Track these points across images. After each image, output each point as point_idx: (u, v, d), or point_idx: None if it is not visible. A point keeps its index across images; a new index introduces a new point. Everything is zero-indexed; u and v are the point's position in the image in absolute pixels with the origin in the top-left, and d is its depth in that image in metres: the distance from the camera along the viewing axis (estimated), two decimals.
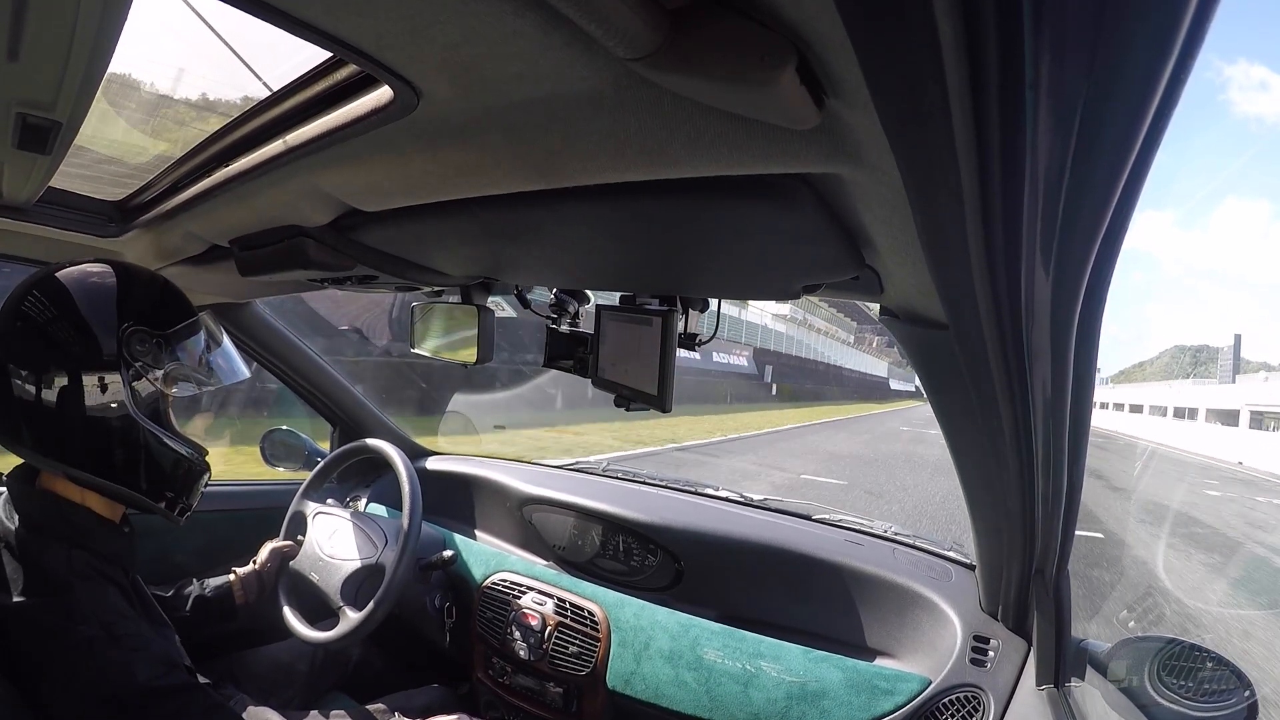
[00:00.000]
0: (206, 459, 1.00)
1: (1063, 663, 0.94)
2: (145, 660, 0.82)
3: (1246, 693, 0.82)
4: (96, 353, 0.85)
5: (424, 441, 1.95)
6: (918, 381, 0.76)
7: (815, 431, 16.66)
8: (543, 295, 1.11)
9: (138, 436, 0.89)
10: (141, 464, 0.91)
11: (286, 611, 1.30)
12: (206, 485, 1.01)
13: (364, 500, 1.72)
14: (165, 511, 0.95)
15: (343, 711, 1.16)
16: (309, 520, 1.40)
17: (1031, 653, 1.02)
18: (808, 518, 1.47)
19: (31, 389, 0.83)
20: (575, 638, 1.34)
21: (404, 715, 1.18)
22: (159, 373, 0.90)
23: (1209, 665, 0.86)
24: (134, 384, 0.88)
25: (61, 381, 0.83)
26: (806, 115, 0.37)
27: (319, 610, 1.29)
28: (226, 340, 1.04)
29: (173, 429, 0.95)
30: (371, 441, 1.47)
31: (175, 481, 0.95)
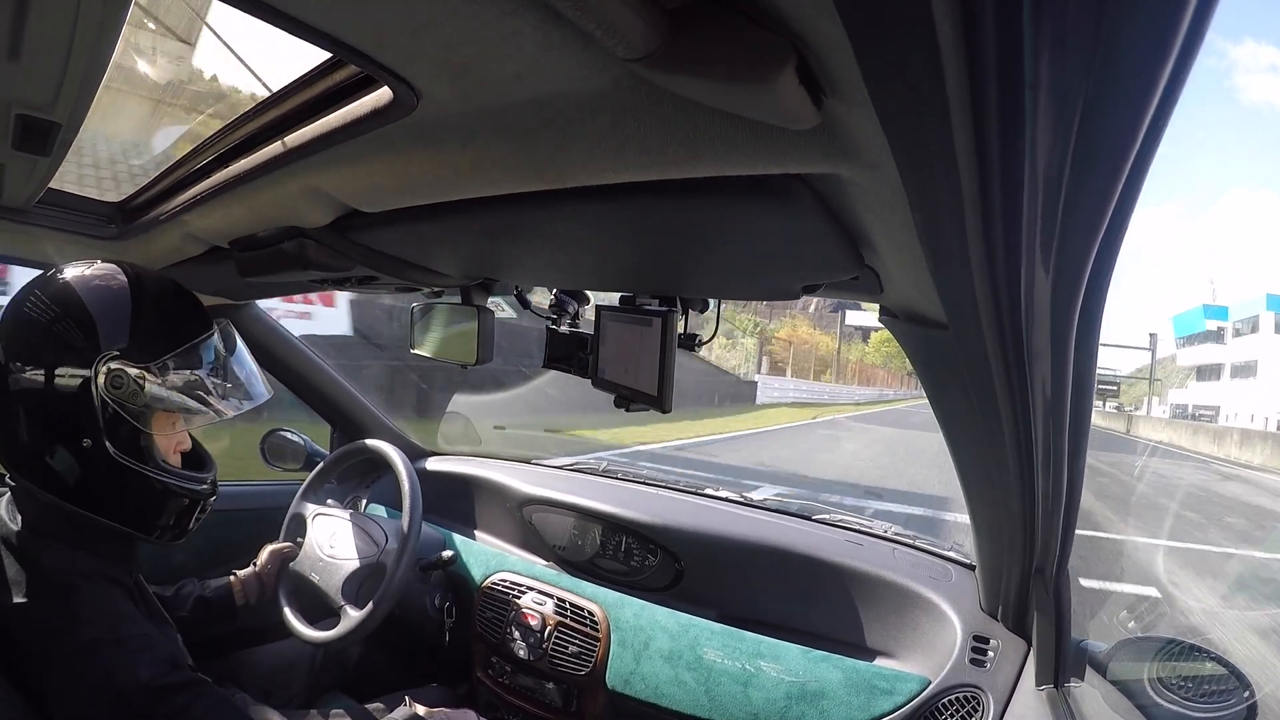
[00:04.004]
0: (209, 483, 0.97)
1: (1062, 663, 0.94)
2: (150, 660, 0.82)
3: (1246, 693, 0.82)
4: (86, 372, 0.83)
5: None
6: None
7: None
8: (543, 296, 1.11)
9: (124, 471, 0.86)
10: (131, 501, 0.89)
11: (287, 613, 1.30)
12: (208, 511, 0.98)
13: (364, 501, 1.71)
14: (155, 541, 0.94)
15: (342, 711, 1.16)
16: (309, 521, 1.40)
17: (1031, 653, 1.02)
18: (808, 518, 1.47)
19: (30, 396, 0.82)
20: (575, 638, 1.34)
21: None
22: (143, 403, 0.86)
23: (1208, 665, 0.86)
24: (113, 413, 0.84)
25: (47, 408, 0.82)
26: (806, 115, 0.37)
27: (320, 610, 1.29)
28: (245, 354, 0.98)
29: (163, 460, 0.92)
30: (371, 442, 1.47)
31: (165, 515, 0.93)
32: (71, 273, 0.87)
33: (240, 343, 0.99)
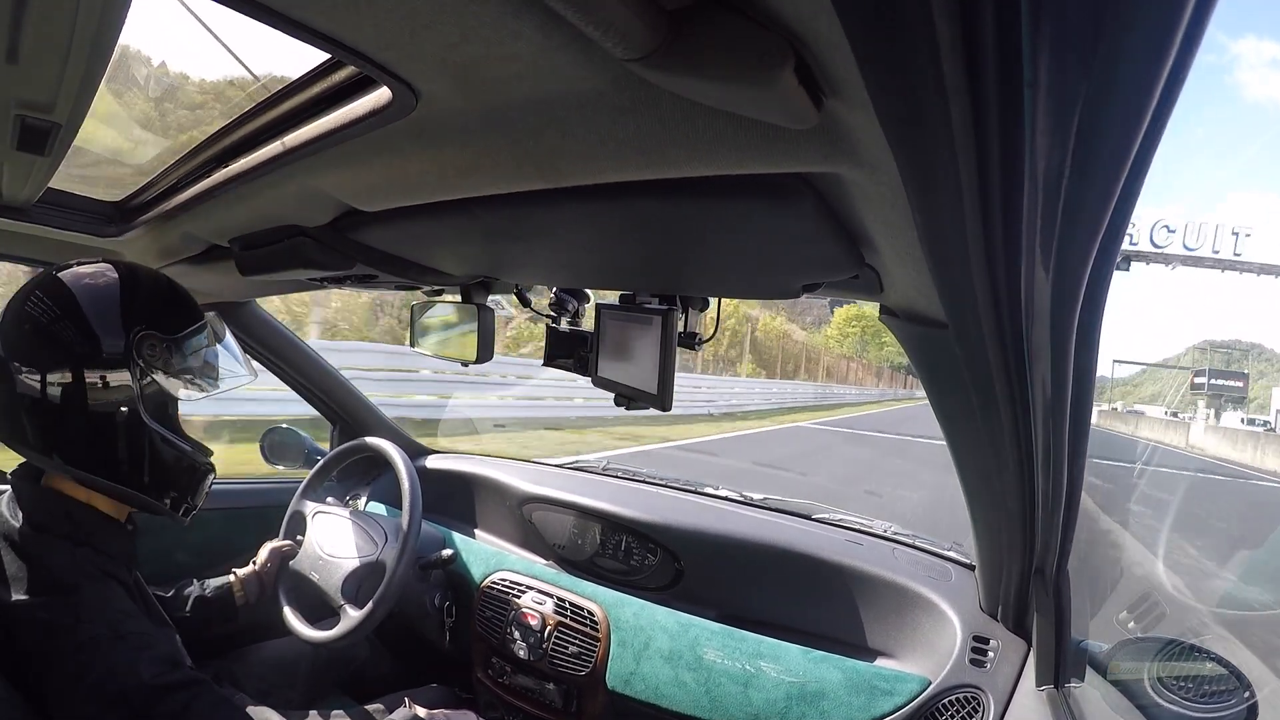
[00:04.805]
0: (211, 459, 1.00)
1: (1062, 663, 0.94)
2: (151, 658, 0.82)
3: (1246, 693, 0.82)
4: (105, 355, 0.85)
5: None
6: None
7: None
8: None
9: (144, 438, 0.90)
10: (148, 466, 0.91)
11: (287, 612, 1.30)
12: (212, 484, 1.01)
13: (364, 499, 1.72)
14: (170, 512, 0.95)
15: (342, 711, 1.16)
16: (308, 519, 1.40)
17: (1031, 653, 1.02)
18: (808, 517, 1.47)
19: (37, 390, 0.83)
20: (575, 637, 1.34)
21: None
22: (167, 375, 0.90)
23: (1208, 666, 0.86)
24: (141, 386, 0.88)
25: (66, 383, 0.83)
26: (805, 115, 0.37)
27: (320, 609, 1.29)
28: (233, 341, 1.04)
29: (178, 429, 0.96)
30: (371, 440, 1.47)
31: (181, 482, 0.95)
32: (70, 270, 0.87)
33: (227, 331, 1.04)
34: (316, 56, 0.57)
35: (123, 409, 0.87)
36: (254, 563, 1.30)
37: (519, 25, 0.37)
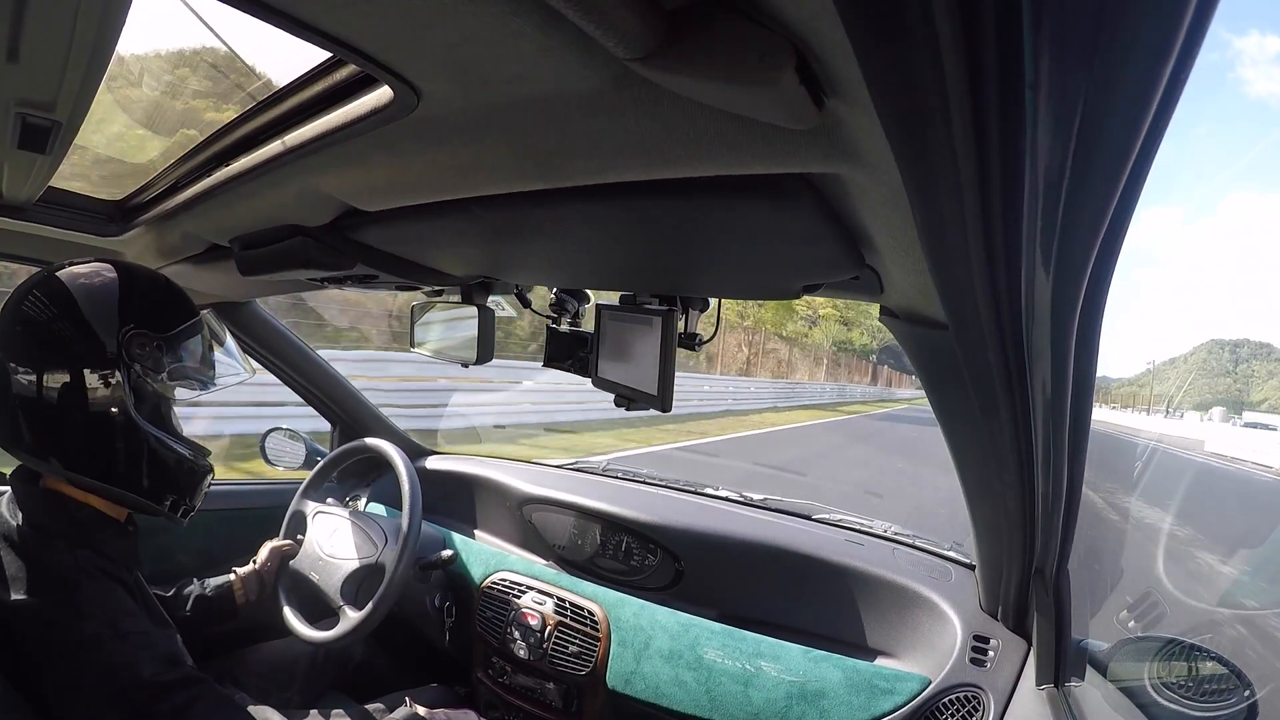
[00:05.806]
0: (209, 459, 1.00)
1: (1063, 662, 0.94)
2: (151, 656, 0.82)
3: (1246, 693, 0.82)
4: (97, 355, 0.84)
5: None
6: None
7: None
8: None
9: (139, 439, 0.89)
10: (143, 467, 0.91)
11: (287, 611, 1.30)
12: (210, 486, 1.01)
13: (364, 499, 1.72)
14: (168, 513, 0.95)
15: (342, 711, 1.16)
16: (309, 520, 1.40)
17: (1031, 652, 1.02)
18: (808, 517, 1.47)
19: (31, 391, 0.82)
20: (575, 637, 1.34)
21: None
22: (160, 375, 0.90)
23: (1209, 665, 0.86)
24: (135, 386, 0.88)
25: (61, 384, 0.83)
26: (806, 115, 0.37)
27: (319, 610, 1.29)
28: (229, 340, 1.04)
29: (174, 430, 0.95)
30: (371, 440, 1.47)
31: (178, 483, 0.95)
32: (65, 270, 0.87)
33: (224, 329, 1.03)
34: (317, 55, 0.57)
35: (115, 410, 0.86)
36: (254, 561, 1.30)
37: (520, 25, 0.37)
